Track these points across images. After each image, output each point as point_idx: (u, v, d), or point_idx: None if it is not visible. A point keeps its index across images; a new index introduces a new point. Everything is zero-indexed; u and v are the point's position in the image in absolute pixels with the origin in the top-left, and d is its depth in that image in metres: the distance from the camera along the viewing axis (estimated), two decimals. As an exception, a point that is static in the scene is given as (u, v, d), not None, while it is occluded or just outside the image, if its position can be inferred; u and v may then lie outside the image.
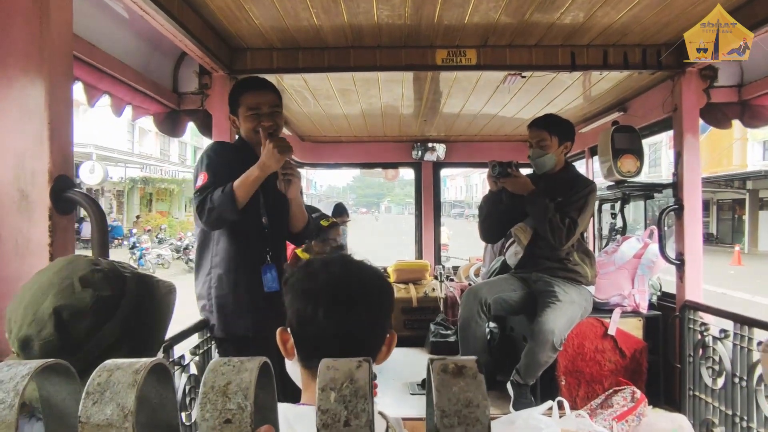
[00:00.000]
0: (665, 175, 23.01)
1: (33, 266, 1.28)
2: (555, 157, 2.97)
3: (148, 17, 1.97)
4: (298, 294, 0.97)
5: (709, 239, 25.99)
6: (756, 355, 2.28)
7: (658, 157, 24.82)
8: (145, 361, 0.49)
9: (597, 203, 4.28)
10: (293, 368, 1.03)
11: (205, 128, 2.81)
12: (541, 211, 2.83)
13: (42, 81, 1.30)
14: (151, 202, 28.53)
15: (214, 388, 0.48)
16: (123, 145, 24.56)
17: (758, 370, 2.26)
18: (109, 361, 0.49)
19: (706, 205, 27.76)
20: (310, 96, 3.49)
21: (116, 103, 2.25)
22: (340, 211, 4.06)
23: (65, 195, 1.31)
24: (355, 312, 0.95)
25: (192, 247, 15.48)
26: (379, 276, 1.02)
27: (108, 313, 0.89)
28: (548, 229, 2.82)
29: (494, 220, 3.10)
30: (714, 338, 2.55)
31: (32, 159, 1.29)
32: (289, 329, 1.01)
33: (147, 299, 0.97)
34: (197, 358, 2.23)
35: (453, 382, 0.46)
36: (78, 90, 2.00)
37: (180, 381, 2.06)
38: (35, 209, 1.30)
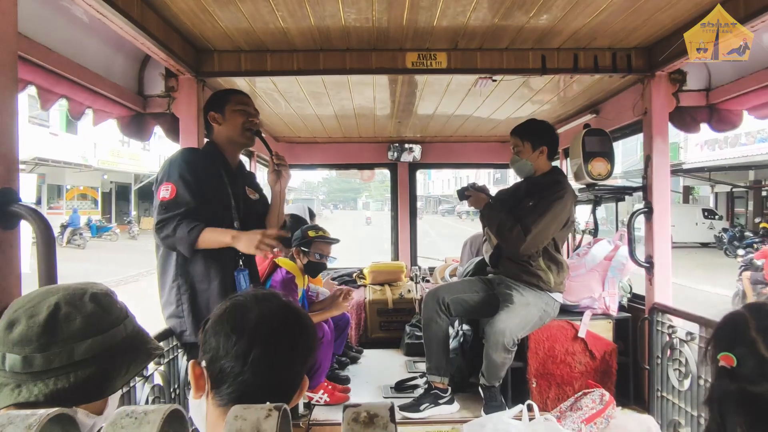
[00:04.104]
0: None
1: (-26, 284, 1.23)
2: (531, 162, 2.99)
3: (106, 20, 1.92)
4: (227, 329, 0.91)
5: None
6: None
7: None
8: (41, 414, 0.46)
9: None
10: (197, 411, 0.96)
11: (172, 132, 2.74)
12: (492, 222, 2.96)
13: None
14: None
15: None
16: None
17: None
18: (3, 415, 0.47)
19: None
20: (281, 98, 3.44)
21: (75, 107, 2.18)
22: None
23: (9, 209, 1.27)
24: (290, 352, 0.92)
25: None
26: (308, 317, 1.01)
27: (97, 330, 0.93)
28: (499, 237, 2.95)
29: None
30: (681, 340, 2.58)
31: None
32: (203, 363, 0.94)
33: (133, 342, 1.01)
34: (162, 367, 2.19)
35: (363, 434, 0.44)
36: (32, 94, 1.94)
37: (143, 392, 2.01)
38: None
